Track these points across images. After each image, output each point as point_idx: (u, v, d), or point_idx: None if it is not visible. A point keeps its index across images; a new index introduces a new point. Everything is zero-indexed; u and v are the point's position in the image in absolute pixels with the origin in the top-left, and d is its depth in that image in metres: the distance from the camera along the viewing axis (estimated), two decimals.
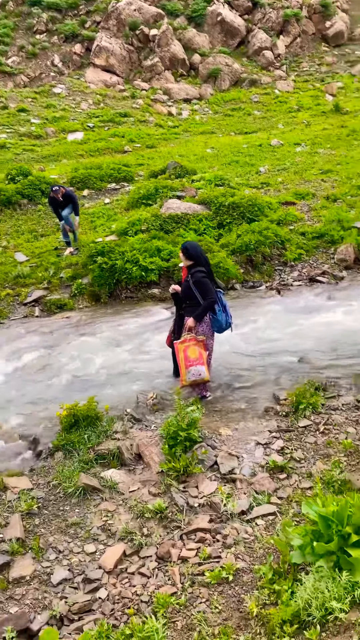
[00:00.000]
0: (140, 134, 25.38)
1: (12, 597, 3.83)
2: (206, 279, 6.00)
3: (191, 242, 6.26)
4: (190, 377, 5.93)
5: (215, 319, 6.09)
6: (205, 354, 6.03)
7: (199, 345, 5.95)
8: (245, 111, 29.90)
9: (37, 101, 29.29)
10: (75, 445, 5.32)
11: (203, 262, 6.13)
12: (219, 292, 6.18)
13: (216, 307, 6.06)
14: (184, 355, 5.93)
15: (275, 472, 4.72)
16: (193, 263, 6.08)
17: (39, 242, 12.99)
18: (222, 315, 6.08)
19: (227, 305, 6.22)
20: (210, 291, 5.95)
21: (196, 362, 5.90)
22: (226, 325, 6.15)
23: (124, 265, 10.20)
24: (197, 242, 6.37)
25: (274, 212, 12.49)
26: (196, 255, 6.08)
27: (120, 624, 3.50)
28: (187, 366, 5.92)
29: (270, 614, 3.10)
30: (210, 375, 6.28)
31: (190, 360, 5.91)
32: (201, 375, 5.93)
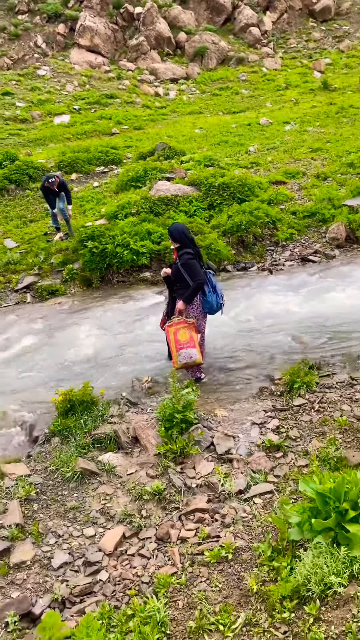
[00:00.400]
0: (128, 116, 25.03)
1: (13, 582, 3.85)
2: (193, 260, 5.95)
3: (176, 224, 6.20)
4: (181, 359, 5.92)
5: (205, 300, 6.05)
6: (197, 337, 6.01)
7: (189, 328, 5.93)
8: (233, 90, 29.53)
9: (21, 84, 28.76)
10: (72, 430, 5.32)
11: (189, 243, 6.07)
12: (209, 273, 6.14)
13: (206, 289, 6.02)
14: (174, 338, 5.92)
15: (272, 451, 4.75)
16: (179, 245, 6.03)
17: (28, 228, 12.86)
18: (212, 297, 6.04)
19: (218, 287, 6.18)
20: (197, 273, 5.91)
21: (187, 345, 5.89)
22: (217, 306, 6.11)
23: (114, 249, 10.12)
24: (182, 224, 6.29)
25: (264, 191, 12.40)
26: (180, 237, 6.01)
27: (121, 604, 3.53)
28: (177, 349, 5.91)
29: (270, 590, 3.14)
30: (204, 358, 6.27)
31: (181, 343, 5.90)
32: (192, 357, 5.92)
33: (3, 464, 5.08)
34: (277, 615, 2.99)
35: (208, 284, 6.04)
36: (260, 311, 8.44)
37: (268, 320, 8.06)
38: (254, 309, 8.55)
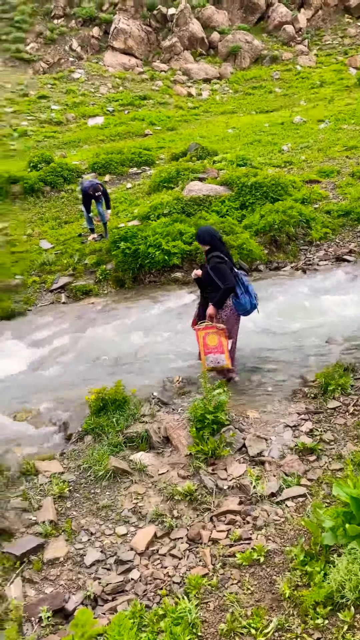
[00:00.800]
0: (160, 117, 25.14)
1: (47, 578, 3.91)
2: (222, 264, 5.85)
3: (203, 227, 6.15)
4: (208, 364, 5.92)
5: (237, 302, 5.99)
6: (227, 342, 5.94)
7: (219, 333, 5.89)
8: (267, 89, 29.31)
9: (56, 87, 29.25)
10: (104, 429, 5.37)
11: (219, 244, 6.01)
12: (240, 274, 6.07)
13: (238, 290, 5.96)
14: (203, 342, 5.91)
15: (305, 454, 4.69)
16: (210, 248, 5.98)
17: (63, 229, 13.06)
18: (244, 298, 5.97)
19: (251, 287, 6.10)
20: (226, 277, 5.83)
21: (215, 350, 5.86)
22: (251, 307, 6.04)
23: (146, 250, 10.18)
24: (209, 226, 6.23)
25: (298, 190, 12.26)
26: (211, 239, 5.95)
27: (153, 604, 3.54)
28: (206, 353, 5.91)
29: (303, 595, 3.09)
30: (234, 362, 6.23)
31: (209, 347, 5.88)
32: (220, 363, 5.90)
33: (38, 461, 5.16)
34: (310, 621, 2.95)
35: (240, 285, 5.98)
36: (294, 311, 8.34)
37: (301, 321, 7.96)
38: (287, 309, 8.45)
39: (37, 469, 5.04)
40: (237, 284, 5.94)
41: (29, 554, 4.07)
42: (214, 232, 6.08)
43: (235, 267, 6.08)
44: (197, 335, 5.98)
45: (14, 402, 6.82)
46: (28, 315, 9.61)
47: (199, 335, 5.95)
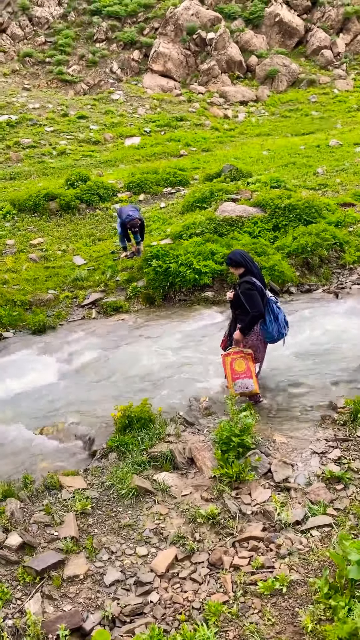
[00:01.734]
0: (196, 138, 25.47)
1: (66, 595, 3.90)
2: (253, 291, 5.79)
3: (234, 250, 6.14)
4: (236, 389, 5.87)
5: (265, 329, 5.95)
6: (254, 367, 5.90)
7: (246, 358, 5.85)
8: (303, 112, 29.43)
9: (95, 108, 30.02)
10: (129, 447, 5.36)
11: (251, 265, 5.95)
12: (271, 301, 6.02)
13: (267, 318, 5.91)
14: (230, 368, 5.88)
15: (332, 482, 4.57)
16: (244, 270, 5.96)
17: (97, 246, 13.27)
18: (272, 326, 5.91)
19: (282, 315, 6.03)
20: (255, 304, 5.77)
21: (243, 376, 5.82)
22: (278, 335, 5.99)
23: (178, 269, 10.23)
24: (241, 249, 6.22)
25: (332, 213, 12.17)
26: (244, 260, 5.90)
27: (171, 629, 3.48)
28: (234, 379, 5.87)
29: (326, 630, 3.00)
30: (259, 387, 6.16)
31: (237, 373, 5.85)
32: (248, 388, 5.85)
33: (62, 475, 5.18)
34: None
35: (269, 312, 5.93)
36: (325, 335, 8.23)
37: (332, 345, 7.84)
38: (318, 332, 8.35)
39: (61, 483, 5.06)
40: (267, 310, 5.90)
41: (49, 569, 4.06)
42: (246, 254, 6.06)
43: (267, 291, 6.04)
44: (224, 361, 5.96)
45: (41, 416, 6.90)
46: (59, 330, 9.74)
47: (226, 361, 5.92)
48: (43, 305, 10.44)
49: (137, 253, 11.89)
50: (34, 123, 26.96)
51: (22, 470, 5.48)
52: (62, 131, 26.53)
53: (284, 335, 6.04)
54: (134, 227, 11.47)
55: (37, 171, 21.33)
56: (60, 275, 11.57)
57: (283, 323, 5.96)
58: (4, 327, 9.74)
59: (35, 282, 11.25)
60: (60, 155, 23.59)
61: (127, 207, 12.05)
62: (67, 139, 25.60)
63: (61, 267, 12.01)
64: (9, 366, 8.33)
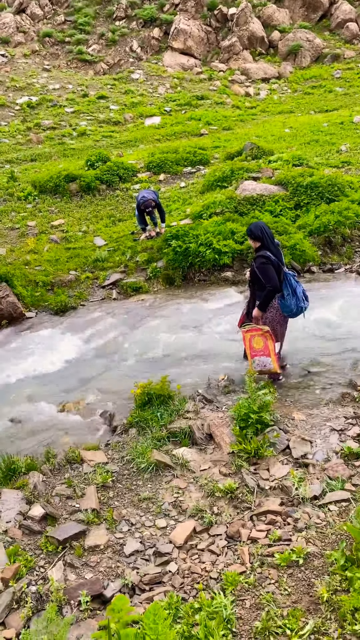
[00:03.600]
0: (217, 116, 25.11)
1: (87, 564, 4.01)
2: (268, 265, 5.74)
3: (256, 222, 6.07)
4: (255, 367, 5.85)
5: (283, 303, 5.90)
6: (273, 345, 5.85)
7: (264, 335, 5.82)
8: (327, 88, 28.72)
9: (115, 87, 29.77)
10: (149, 423, 5.44)
11: (269, 240, 5.89)
12: (288, 275, 5.96)
13: (285, 292, 5.87)
14: (249, 345, 5.87)
15: (351, 458, 4.58)
16: (260, 245, 5.91)
17: (117, 227, 13.28)
18: (291, 300, 5.86)
19: (300, 289, 5.98)
20: (270, 279, 5.72)
21: (261, 353, 5.80)
22: (297, 309, 5.93)
23: (197, 249, 10.20)
24: (262, 222, 6.15)
25: (355, 191, 11.93)
26: (262, 234, 5.84)
27: (189, 597, 3.56)
28: (252, 356, 5.87)
29: (342, 600, 3.03)
30: (279, 364, 6.15)
31: (255, 350, 5.83)
32: (267, 366, 5.83)
33: (83, 450, 5.29)
34: (348, 626, 2.88)
35: (287, 286, 5.88)
36: (346, 314, 8.14)
37: (353, 324, 7.76)
38: (340, 311, 8.26)
39: (82, 458, 5.17)
40: (284, 284, 5.86)
41: (71, 539, 4.18)
42: (266, 228, 5.98)
43: (284, 267, 6.00)
44: (243, 337, 5.96)
45: (62, 393, 7.02)
46: (80, 310, 9.84)
47: (245, 337, 5.92)
48: (64, 286, 10.54)
49: (155, 235, 11.86)
50: (54, 104, 26.89)
51: (44, 445, 5.61)
52: (82, 112, 26.42)
53: (304, 309, 5.98)
54: (147, 208, 11.45)
55: (57, 152, 21.33)
56: (81, 256, 11.64)
57: (302, 296, 5.89)
58: (26, 307, 9.88)
59: (57, 263, 11.34)
60: (81, 136, 23.53)
61: (144, 190, 12.06)
62: (87, 120, 25.49)
63: (82, 248, 12.07)
64: (32, 345, 8.48)
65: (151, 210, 11.60)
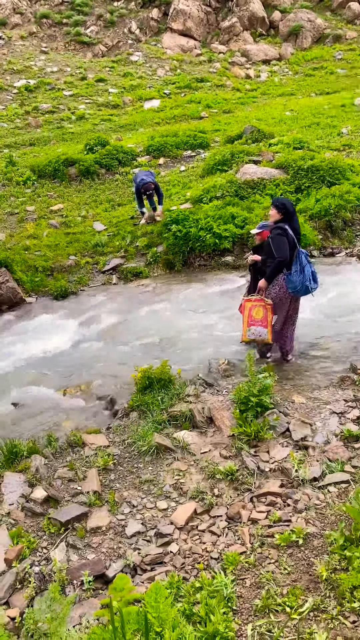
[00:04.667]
0: (217, 99, 24.83)
1: (89, 545, 4.06)
2: (283, 237, 5.79)
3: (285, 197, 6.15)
4: (249, 335, 6.01)
5: (289, 279, 5.90)
6: (272, 318, 5.96)
7: (266, 307, 5.91)
8: (328, 70, 28.35)
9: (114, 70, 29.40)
10: (149, 407, 5.46)
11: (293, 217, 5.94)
12: (301, 253, 5.94)
13: (293, 267, 5.88)
14: (248, 314, 5.98)
15: (350, 441, 4.61)
16: (282, 218, 5.91)
17: (116, 212, 13.21)
18: (297, 276, 5.86)
19: (310, 269, 5.94)
20: (281, 250, 5.76)
21: (259, 323, 5.93)
22: (302, 287, 5.91)
23: (197, 233, 10.16)
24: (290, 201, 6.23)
25: (357, 174, 11.85)
26: (290, 208, 5.89)
27: (190, 577, 3.61)
28: (249, 324, 5.99)
29: (341, 579, 3.07)
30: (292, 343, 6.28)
31: (254, 320, 5.95)
32: (261, 336, 5.98)
33: (84, 433, 5.33)
34: (346, 604, 2.93)
35: (297, 262, 5.88)
36: (347, 299, 8.13)
37: (354, 309, 7.76)
38: (340, 296, 8.25)
39: (84, 441, 5.20)
40: (295, 261, 5.87)
41: (73, 521, 4.23)
42: (293, 205, 6.06)
43: (299, 245, 5.98)
44: (244, 305, 6.03)
45: (63, 377, 7.05)
46: (80, 295, 9.84)
47: (246, 306, 6.00)
48: (64, 271, 10.52)
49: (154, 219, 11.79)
50: (52, 87, 26.58)
51: (46, 429, 5.65)
52: (81, 95, 26.12)
53: (311, 290, 5.97)
54: (147, 191, 11.38)
55: (56, 137, 21.14)
56: (80, 241, 11.59)
57: (309, 276, 5.87)
58: (26, 293, 9.87)
59: (56, 248, 11.30)
60: (79, 120, 23.30)
61: (142, 172, 11.96)
62: (85, 104, 25.22)
63: (81, 233, 12.02)
64: (33, 330, 8.49)
65: (151, 193, 11.52)
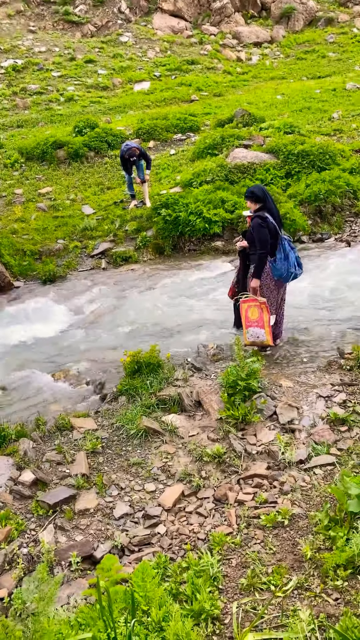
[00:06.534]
0: (208, 82, 24.55)
1: (77, 527, 4.09)
2: (264, 228, 5.77)
3: (257, 185, 6.08)
4: (249, 337, 5.97)
5: (274, 266, 5.91)
6: (268, 317, 5.89)
7: (260, 307, 5.86)
8: (320, 53, 28.09)
9: (103, 51, 28.91)
10: (138, 390, 5.48)
11: (271, 203, 5.92)
12: (284, 239, 5.96)
13: (278, 255, 5.88)
14: (245, 315, 5.93)
15: (336, 424, 4.66)
16: (260, 206, 5.89)
17: (105, 195, 13.09)
18: (282, 264, 5.87)
19: (294, 255, 5.97)
20: (262, 242, 5.75)
21: (255, 324, 5.87)
22: (287, 274, 5.94)
23: (187, 217, 10.11)
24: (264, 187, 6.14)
25: (347, 160, 11.83)
26: (264, 196, 5.86)
27: (177, 557, 3.66)
28: (247, 326, 5.94)
29: (325, 558, 3.13)
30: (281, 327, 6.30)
31: (250, 321, 5.90)
32: (259, 338, 5.92)
33: (73, 417, 5.34)
34: (330, 582, 2.98)
35: (281, 250, 5.89)
36: (335, 284, 8.17)
37: (343, 293, 7.80)
38: (329, 281, 8.29)
39: (72, 425, 5.22)
40: (279, 248, 5.87)
41: (62, 503, 4.25)
42: (267, 192, 6.01)
43: (282, 231, 5.97)
44: (241, 307, 5.99)
45: (51, 362, 7.04)
46: (69, 279, 9.78)
47: (242, 307, 5.96)
48: (53, 255, 10.44)
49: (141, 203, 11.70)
50: (40, 68, 26.09)
51: (34, 413, 5.65)
52: (70, 76, 25.67)
53: (296, 275, 6.01)
54: (132, 157, 11.28)
55: (44, 118, 20.81)
56: (69, 224, 11.49)
57: (294, 262, 5.90)
58: (14, 277, 9.80)
59: (45, 232, 11.20)
60: (68, 101, 22.93)
61: (127, 141, 11.87)
62: (74, 85, 24.80)
63: (70, 216, 11.91)
64: (21, 315, 8.44)
65: (136, 160, 11.38)
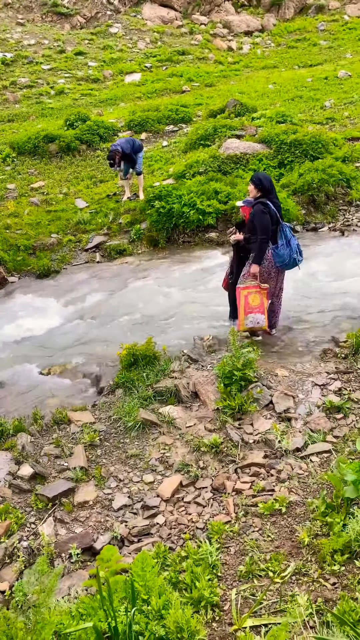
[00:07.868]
0: (199, 72, 24.41)
1: (77, 519, 4.12)
2: (265, 214, 5.78)
3: (263, 172, 6.07)
4: (247, 323, 5.97)
5: (276, 253, 5.91)
6: (267, 303, 5.94)
7: (261, 293, 5.88)
8: (311, 42, 27.93)
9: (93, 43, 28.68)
10: (135, 383, 5.50)
11: (273, 192, 5.93)
12: (285, 226, 5.96)
13: (279, 242, 5.89)
14: (245, 302, 5.91)
15: (332, 412, 4.69)
16: (261, 194, 5.89)
17: (98, 188, 13.03)
18: (284, 250, 5.88)
19: (295, 242, 5.98)
20: (263, 228, 5.77)
21: (256, 310, 5.88)
22: (289, 260, 5.94)
23: (181, 209, 10.09)
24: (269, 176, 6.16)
25: (339, 148, 11.82)
26: (268, 185, 5.86)
27: (176, 547, 3.69)
28: (246, 312, 5.92)
29: (322, 543, 3.17)
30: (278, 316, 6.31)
31: (251, 307, 5.90)
32: (259, 323, 5.95)
33: (70, 411, 5.36)
34: (327, 567, 3.02)
35: (282, 236, 5.90)
36: (329, 272, 8.19)
37: (336, 282, 7.82)
38: (322, 270, 8.31)
39: (69, 418, 5.23)
40: (280, 235, 5.88)
41: (61, 496, 4.28)
42: (271, 181, 6.02)
43: (281, 220, 5.98)
44: (239, 293, 5.98)
45: (48, 356, 7.04)
46: (64, 274, 9.76)
47: (241, 293, 5.94)
48: (46, 250, 10.41)
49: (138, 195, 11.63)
50: (30, 61, 25.86)
51: (31, 407, 5.66)
52: (60, 69, 25.47)
53: (298, 262, 6.02)
54: (110, 159, 11.10)
55: (35, 112, 20.67)
56: (62, 218, 11.45)
57: (296, 249, 5.91)
58: (8, 272, 9.77)
59: (38, 227, 11.15)
60: (59, 94, 22.77)
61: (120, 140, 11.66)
62: (65, 77, 24.61)
63: (63, 210, 11.86)
64: (16, 309, 8.44)
65: (113, 163, 11.21)
